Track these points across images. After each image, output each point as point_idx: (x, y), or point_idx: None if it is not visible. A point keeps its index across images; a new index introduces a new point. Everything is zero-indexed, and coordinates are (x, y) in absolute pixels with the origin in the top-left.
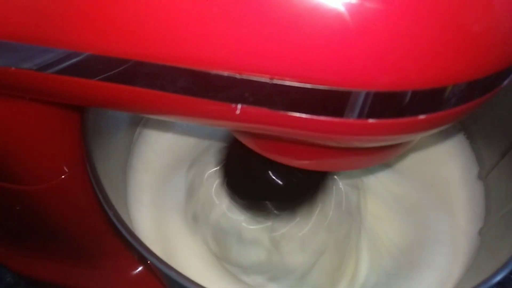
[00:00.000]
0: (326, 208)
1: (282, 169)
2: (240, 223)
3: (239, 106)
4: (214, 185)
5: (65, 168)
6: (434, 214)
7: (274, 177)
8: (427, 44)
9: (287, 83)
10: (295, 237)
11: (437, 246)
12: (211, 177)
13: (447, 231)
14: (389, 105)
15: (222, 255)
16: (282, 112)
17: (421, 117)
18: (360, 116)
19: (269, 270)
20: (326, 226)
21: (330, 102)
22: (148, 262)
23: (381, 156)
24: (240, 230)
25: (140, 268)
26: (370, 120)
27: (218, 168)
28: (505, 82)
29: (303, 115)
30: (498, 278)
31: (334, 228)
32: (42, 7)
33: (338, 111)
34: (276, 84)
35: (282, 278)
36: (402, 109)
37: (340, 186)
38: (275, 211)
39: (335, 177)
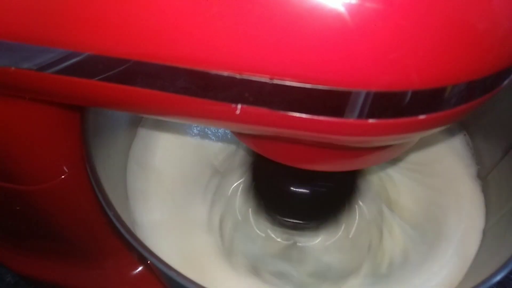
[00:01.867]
0: (350, 225)
1: (308, 183)
2: (262, 234)
3: (239, 106)
4: (238, 196)
5: (65, 168)
6: (433, 214)
7: (300, 191)
8: (427, 44)
9: (287, 83)
10: (318, 251)
11: (436, 246)
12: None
13: (446, 231)
14: (389, 105)
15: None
16: (282, 112)
17: (421, 117)
18: (360, 116)
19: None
20: (350, 240)
21: (330, 102)
22: (148, 262)
23: (381, 156)
24: (263, 242)
25: (140, 268)
26: (370, 120)
27: (242, 180)
28: (505, 82)
29: (303, 115)
30: (498, 278)
31: (358, 242)
32: (42, 7)
33: (338, 111)
34: (276, 84)
35: None
36: (402, 109)
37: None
38: (300, 226)
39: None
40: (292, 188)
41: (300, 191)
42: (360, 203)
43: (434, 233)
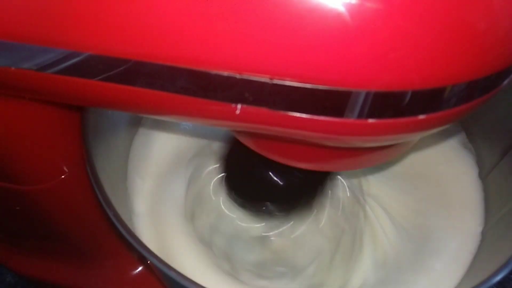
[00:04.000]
0: (320, 213)
1: (281, 170)
2: (235, 221)
3: (239, 106)
4: (212, 181)
5: (65, 168)
6: (434, 214)
7: (273, 178)
8: (427, 44)
9: (287, 83)
10: (288, 238)
11: (437, 247)
12: (210, 173)
13: (446, 231)
14: (389, 105)
15: (219, 253)
16: (282, 112)
17: (421, 117)
18: (360, 116)
19: (264, 269)
20: (320, 229)
21: (330, 102)
22: (148, 262)
23: (382, 156)
24: (235, 227)
25: (140, 268)
26: (370, 120)
27: (218, 165)
28: (505, 82)
29: (303, 115)
30: (498, 278)
31: (329, 231)
32: (42, 7)
33: (338, 111)
34: (276, 84)
35: (277, 277)
36: (402, 109)
37: (339, 190)
38: (272, 211)
39: (338, 176)
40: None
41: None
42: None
43: (434, 233)
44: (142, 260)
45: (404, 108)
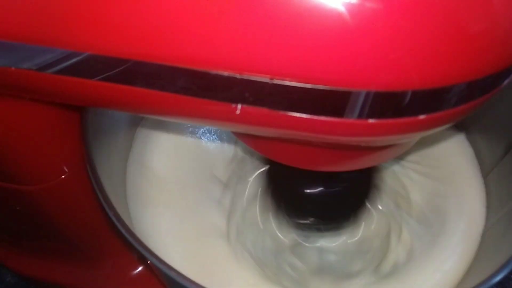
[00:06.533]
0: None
1: (325, 185)
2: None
3: (239, 106)
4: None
5: (65, 168)
6: (433, 214)
7: (319, 194)
8: (427, 44)
9: (288, 83)
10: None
11: (436, 246)
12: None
13: (446, 231)
14: (389, 105)
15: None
16: (282, 112)
17: (421, 117)
18: (360, 116)
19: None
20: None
21: (330, 102)
22: (148, 262)
23: (381, 156)
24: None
25: (140, 268)
26: (370, 120)
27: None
28: (505, 82)
29: (303, 115)
30: (498, 278)
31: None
32: (42, 7)
33: (338, 111)
34: (276, 84)
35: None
36: (402, 109)
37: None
38: (320, 229)
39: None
40: (309, 190)
41: (316, 192)
42: (377, 202)
43: (436, 230)
44: (142, 260)
45: (404, 108)
